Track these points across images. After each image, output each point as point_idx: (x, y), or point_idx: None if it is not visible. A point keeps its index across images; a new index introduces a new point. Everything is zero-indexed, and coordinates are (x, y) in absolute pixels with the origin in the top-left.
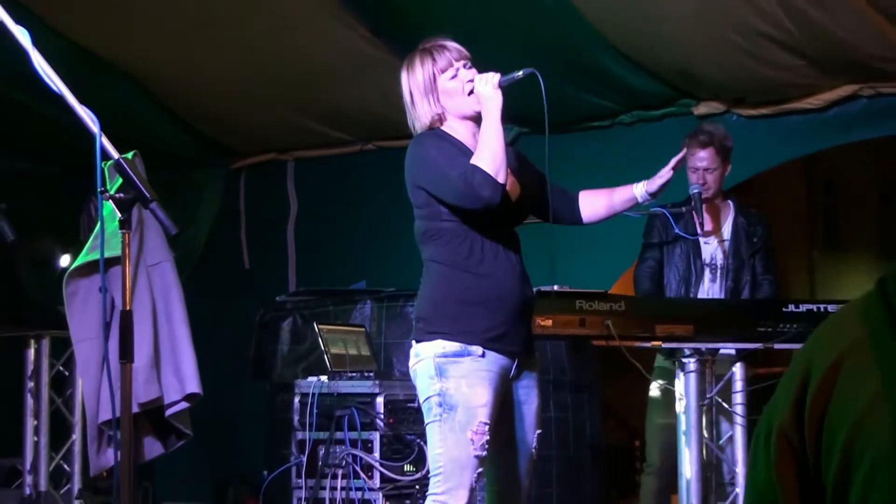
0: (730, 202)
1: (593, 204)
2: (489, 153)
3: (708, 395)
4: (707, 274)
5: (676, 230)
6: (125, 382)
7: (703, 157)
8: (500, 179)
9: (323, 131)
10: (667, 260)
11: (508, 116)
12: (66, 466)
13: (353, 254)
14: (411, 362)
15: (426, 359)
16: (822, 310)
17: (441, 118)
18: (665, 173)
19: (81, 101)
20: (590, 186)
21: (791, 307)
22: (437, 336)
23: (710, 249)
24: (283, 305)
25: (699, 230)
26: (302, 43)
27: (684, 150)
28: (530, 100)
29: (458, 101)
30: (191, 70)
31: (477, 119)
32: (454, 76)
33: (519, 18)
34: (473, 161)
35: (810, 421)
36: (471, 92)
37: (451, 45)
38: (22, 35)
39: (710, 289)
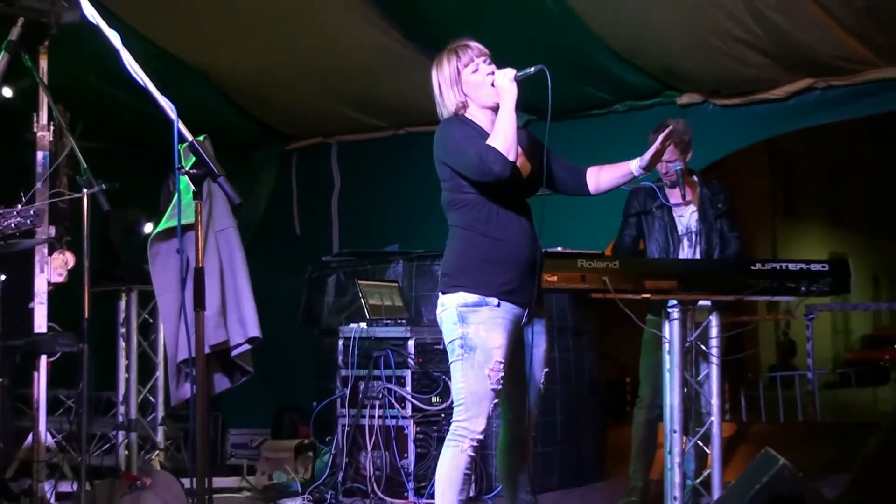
0: (695, 178)
1: (598, 178)
2: (502, 135)
3: (689, 340)
4: (685, 242)
5: (660, 199)
6: (198, 328)
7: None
8: (511, 158)
9: (362, 119)
10: (647, 234)
11: (521, 106)
12: (151, 398)
13: (387, 221)
14: (438, 311)
15: (450, 308)
16: (783, 268)
17: (464, 106)
18: (654, 148)
19: (161, 92)
20: (590, 165)
21: (758, 265)
22: (460, 289)
23: (685, 221)
24: (328, 265)
25: (682, 200)
26: (345, 45)
27: (670, 128)
28: (539, 92)
29: (480, 92)
30: (252, 67)
31: (496, 109)
32: (476, 70)
33: (530, 24)
34: (489, 142)
35: None
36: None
37: (474, 44)
38: (113, 37)
39: (688, 254)
